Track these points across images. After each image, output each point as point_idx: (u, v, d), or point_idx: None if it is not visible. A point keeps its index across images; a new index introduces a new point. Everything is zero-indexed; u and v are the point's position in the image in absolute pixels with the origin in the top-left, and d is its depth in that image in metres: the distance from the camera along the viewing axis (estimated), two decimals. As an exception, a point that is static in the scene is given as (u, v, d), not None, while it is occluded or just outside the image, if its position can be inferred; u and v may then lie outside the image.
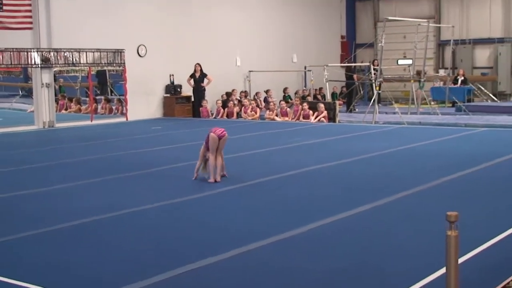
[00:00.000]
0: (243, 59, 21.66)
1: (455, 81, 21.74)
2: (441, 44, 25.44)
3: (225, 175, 8.79)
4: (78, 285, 4.71)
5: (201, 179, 8.67)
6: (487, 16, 24.15)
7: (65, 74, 20.83)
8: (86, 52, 17.27)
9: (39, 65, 16.38)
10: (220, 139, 8.51)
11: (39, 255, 5.44)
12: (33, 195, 8.09)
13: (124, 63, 18.18)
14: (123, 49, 18.08)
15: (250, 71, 21.79)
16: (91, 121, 17.90)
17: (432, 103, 20.30)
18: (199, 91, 19.29)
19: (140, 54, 18.65)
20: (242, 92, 21.12)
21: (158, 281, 4.69)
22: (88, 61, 17.45)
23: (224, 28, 20.94)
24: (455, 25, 22.54)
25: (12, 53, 15.81)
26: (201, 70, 19.17)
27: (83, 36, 17.05)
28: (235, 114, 18.99)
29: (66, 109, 20.48)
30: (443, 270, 3.91)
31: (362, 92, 23.13)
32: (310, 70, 21.45)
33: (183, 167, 9.91)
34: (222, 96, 20.23)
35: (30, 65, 16.46)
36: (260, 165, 10.17)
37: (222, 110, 19.16)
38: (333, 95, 21.93)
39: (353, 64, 22.66)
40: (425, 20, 20.68)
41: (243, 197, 7.83)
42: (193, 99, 19.53)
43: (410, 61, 21.37)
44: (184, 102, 19.54)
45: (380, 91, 18.47)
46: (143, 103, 18.75)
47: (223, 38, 20.90)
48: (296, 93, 21.94)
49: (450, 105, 20.82)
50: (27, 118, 17.66)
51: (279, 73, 22.09)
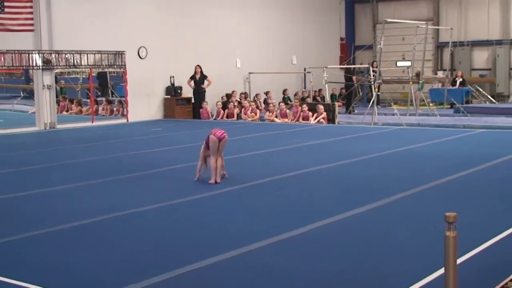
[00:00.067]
0: (243, 61, 21.67)
1: (454, 83, 21.73)
2: (440, 46, 25.44)
3: (225, 175, 8.79)
4: (79, 286, 4.71)
5: (201, 180, 8.67)
6: (485, 18, 24.16)
7: (66, 76, 20.82)
8: (87, 54, 17.27)
9: (41, 67, 16.38)
10: (220, 141, 8.51)
11: (40, 256, 5.44)
12: (34, 196, 8.09)
13: (125, 65, 18.18)
14: (124, 51, 18.08)
15: (250, 73, 21.79)
16: (92, 123, 17.90)
17: (431, 105, 20.30)
18: (200, 93, 19.30)
19: (141, 56, 18.66)
20: (242, 94, 21.12)
21: (158, 282, 4.69)
22: (89, 63, 17.45)
23: (224, 30, 20.94)
24: (454, 27, 22.56)
25: (14, 55, 15.80)
26: (201, 72, 19.17)
27: (84, 38, 17.05)
28: (235, 116, 18.99)
29: (67, 111, 20.50)
30: (442, 271, 3.91)
31: (361, 94, 23.12)
32: (310, 72, 21.45)
33: (183, 168, 9.92)
34: (222, 98, 20.23)
35: (32, 67, 16.46)
36: (260, 166, 10.17)
37: (222, 112, 19.15)
38: (332, 97, 21.95)
39: (352, 66, 22.65)
40: (424, 22, 20.66)
41: (243, 198, 7.83)
42: (194, 101, 19.54)
43: (409, 63, 21.37)
44: (185, 104, 19.55)
45: (379, 93, 18.46)
46: (144, 105, 18.76)
47: (223, 40, 20.91)
48: (296, 95, 21.93)
49: (449, 107, 20.81)
50: (29, 120, 17.66)
51: (279, 75, 22.11)
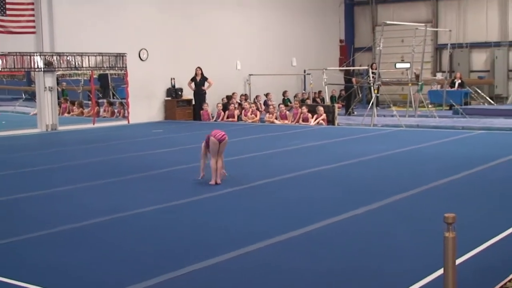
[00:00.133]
0: (243, 63, 21.67)
1: (452, 85, 21.73)
2: (439, 48, 25.44)
3: (225, 174, 8.74)
4: (80, 287, 4.70)
5: (202, 181, 8.66)
6: (484, 21, 24.16)
7: (68, 78, 20.86)
8: (89, 56, 17.27)
9: (42, 69, 16.38)
10: (221, 143, 8.50)
11: (41, 257, 5.44)
12: (36, 198, 8.09)
13: (126, 67, 18.18)
14: (125, 53, 18.08)
15: (250, 75, 21.79)
16: (93, 124, 17.89)
17: (430, 106, 20.29)
18: (200, 95, 19.29)
19: (142, 58, 18.66)
20: (242, 95, 21.12)
21: (159, 282, 4.68)
22: (91, 65, 17.45)
23: (225, 32, 20.94)
24: (452, 29, 22.55)
25: (16, 57, 15.80)
26: (202, 74, 19.17)
27: (86, 40, 17.05)
28: (236, 117, 18.98)
29: (69, 112, 20.50)
30: (441, 271, 3.90)
31: (361, 95, 23.12)
32: (310, 74, 21.44)
33: (184, 170, 9.92)
34: (223, 99, 20.23)
35: (33, 69, 16.47)
36: (260, 168, 10.16)
37: (223, 113, 19.15)
38: (332, 98, 21.94)
39: (352, 68, 22.67)
40: (423, 24, 20.65)
41: (243, 199, 7.83)
42: (194, 102, 19.54)
43: (408, 65, 21.37)
44: (185, 105, 19.55)
45: (379, 94, 18.47)
46: (145, 106, 18.75)
47: (224, 42, 20.91)
48: (296, 96, 21.94)
49: (448, 108, 20.79)
50: (30, 121, 17.65)
51: (279, 77, 22.11)
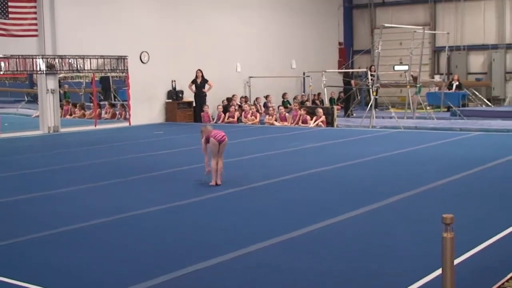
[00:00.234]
0: (243, 65, 21.67)
1: (450, 87, 21.74)
2: (437, 50, 25.45)
3: (223, 173, 8.73)
4: (81, 287, 4.70)
5: (202, 183, 8.66)
6: (481, 23, 24.17)
7: (70, 80, 20.81)
8: (90, 59, 17.28)
9: (44, 72, 16.39)
10: (220, 144, 8.51)
11: (43, 257, 5.44)
12: (38, 199, 8.09)
13: (127, 70, 18.19)
14: (126, 56, 18.09)
15: (250, 77, 21.80)
16: (95, 126, 17.90)
17: (428, 108, 20.28)
18: (201, 97, 19.30)
19: (143, 61, 18.66)
20: (242, 98, 21.12)
21: (160, 283, 4.68)
22: (92, 68, 17.46)
23: (225, 35, 20.95)
24: (450, 32, 22.57)
25: (18, 60, 15.81)
26: (203, 76, 19.18)
27: (87, 43, 17.06)
28: (236, 119, 18.99)
29: (71, 115, 20.46)
30: (439, 271, 3.90)
31: (360, 97, 23.13)
32: (309, 76, 21.47)
33: (185, 171, 9.92)
34: (223, 101, 20.23)
35: (36, 72, 16.46)
36: (260, 169, 10.16)
37: (223, 115, 19.16)
38: (331, 100, 21.95)
39: (351, 70, 22.66)
40: (421, 27, 20.68)
41: (244, 200, 7.82)
42: (195, 104, 19.54)
43: (406, 67, 21.37)
44: (186, 107, 19.55)
45: (377, 96, 18.48)
46: (146, 108, 18.76)
47: (224, 45, 20.92)
48: (295, 99, 21.94)
49: (445, 110, 20.81)
50: (33, 123, 17.63)
51: (279, 79, 22.11)
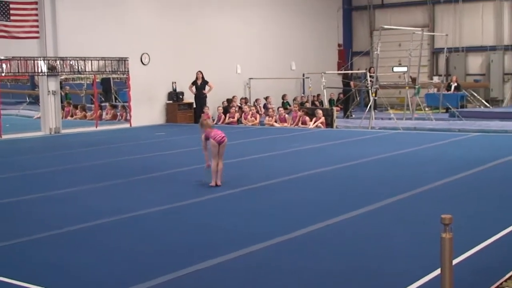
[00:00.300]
0: (244, 67, 21.67)
1: (449, 88, 21.74)
2: (435, 52, 25.45)
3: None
4: (82, 287, 4.70)
5: (202, 183, 8.66)
6: (479, 25, 24.17)
7: (71, 82, 20.84)
8: (91, 61, 17.28)
9: (46, 73, 16.39)
10: (220, 145, 8.51)
11: (45, 258, 5.43)
12: (40, 199, 8.08)
13: (128, 71, 18.19)
14: (127, 58, 18.09)
15: (250, 79, 21.80)
16: (96, 127, 17.90)
17: (427, 109, 20.28)
18: (201, 98, 19.29)
19: (144, 62, 18.66)
20: (242, 99, 21.11)
21: (161, 283, 4.68)
22: (93, 69, 17.46)
23: (225, 37, 20.95)
24: (449, 34, 22.57)
25: (20, 62, 15.81)
26: (203, 78, 19.18)
27: (88, 45, 17.06)
28: (236, 120, 19.00)
29: (72, 116, 20.48)
30: (438, 272, 3.90)
31: (359, 99, 23.11)
32: (308, 77, 21.46)
33: (186, 172, 9.92)
34: (223, 103, 20.23)
35: (37, 73, 16.46)
36: (260, 170, 10.15)
37: (223, 116, 19.16)
38: (331, 102, 21.95)
39: (350, 72, 22.66)
40: (420, 29, 20.69)
41: (244, 201, 7.82)
42: (195, 106, 19.53)
43: (405, 69, 21.36)
44: (186, 109, 19.55)
45: (376, 98, 18.48)
46: (147, 110, 18.75)
47: (224, 47, 20.92)
48: (295, 100, 21.94)
49: (444, 111, 20.80)
50: (34, 125, 17.64)
51: (278, 80, 22.10)
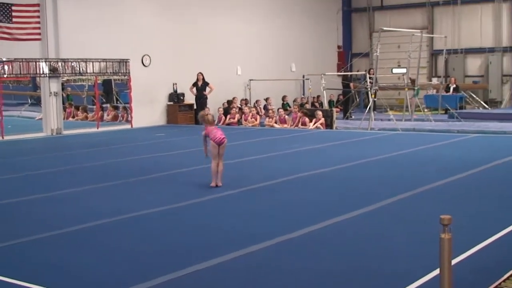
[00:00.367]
0: (244, 68, 21.67)
1: (448, 89, 21.73)
2: (434, 54, 25.44)
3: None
4: (82, 287, 4.69)
5: (203, 184, 8.65)
6: (478, 27, 24.16)
7: (72, 83, 20.84)
8: (93, 62, 17.28)
9: (47, 75, 16.38)
10: (220, 145, 8.50)
11: (45, 258, 5.42)
12: (41, 200, 8.07)
13: (129, 73, 18.19)
14: (128, 59, 18.09)
15: (251, 80, 21.79)
16: (97, 128, 17.89)
17: (426, 110, 20.28)
18: (201, 99, 19.28)
19: (145, 64, 18.66)
20: (243, 100, 21.11)
21: (161, 283, 4.66)
22: (95, 71, 17.46)
23: (226, 39, 20.95)
24: (448, 35, 22.55)
25: (22, 63, 15.81)
26: (203, 79, 19.18)
27: (90, 47, 17.06)
28: (236, 121, 18.99)
29: (73, 117, 20.49)
30: (437, 272, 3.89)
31: (358, 100, 23.08)
32: (308, 79, 21.46)
33: (186, 173, 9.91)
34: (224, 104, 20.23)
35: (39, 75, 16.47)
36: (260, 170, 10.14)
37: (224, 117, 19.16)
38: (330, 103, 21.92)
39: (350, 73, 22.67)
40: (419, 31, 20.68)
41: (244, 201, 7.81)
42: (196, 107, 19.51)
43: (404, 70, 21.34)
44: (187, 110, 19.55)
45: (376, 99, 18.48)
46: (147, 111, 18.75)
47: (225, 48, 20.91)
48: (295, 101, 21.93)
49: (443, 112, 20.79)
50: (36, 126, 17.65)
51: (278, 82, 22.10)
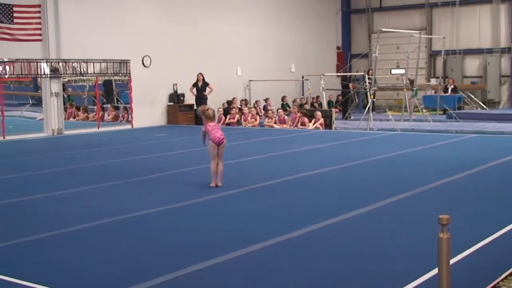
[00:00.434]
0: (244, 69, 21.67)
1: (446, 90, 21.74)
2: (433, 54, 25.45)
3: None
4: (83, 286, 4.68)
5: (203, 184, 8.65)
6: (476, 28, 24.17)
7: (73, 84, 20.86)
8: (93, 63, 17.28)
9: (48, 75, 16.39)
10: (219, 146, 8.50)
11: (45, 257, 5.42)
12: (41, 200, 8.06)
13: (130, 73, 18.19)
14: (129, 60, 18.09)
15: (250, 80, 21.80)
16: (98, 129, 17.89)
17: (424, 111, 20.29)
18: (201, 100, 19.27)
19: (145, 65, 18.66)
20: (243, 101, 21.11)
21: (161, 283, 4.66)
22: (95, 71, 17.47)
23: (226, 40, 20.95)
24: (446, 36, 22.56)
25: (23, 64, 15.81)
26: (203, 80, 19.18)
27: (91, 47, 17.06)
28: (236, 121, 19.00)
29: (74, 117, 20.50)
30: (436, 271, 3.89)
31: (357, 100, 23.09)
32: (308, 79, 21.48)
33: (186, 173, 9.90)
34: (223, 104, 20.23)
35: (40, 75, 16.47)
36: (260, 170, 10.13)
37: (224, 118, 19.16)
38: (329, 103, 21.94)
39: (349, 74, 22.68)
40: (417, 32, 20.68)
41: (243, 201, 7.80)
42: (196, 107, 19.52)
43: (403, 71, 21.36)
44: (187, 110, 19.56)
45: (374, 99, 18.48)
46: (148, 111, 18.75)
47: (225, 49, 20.92)
48: (294, 101, 21.94)
49: (442, 113, 20.81)
50: (37, 126, 17.65)
51: (278, 82, 22.11)
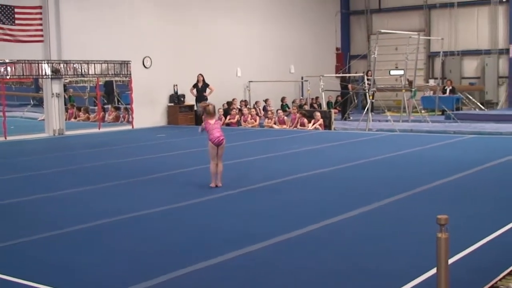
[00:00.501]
0: (244, 70, 21.67)
1: (444, 91, 21.74)
2: (431, 56, 25.45)
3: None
4: (83, 287, 4.68)
5: (202, 184, 8.65)
6: (475, 29, 24.17)
7: (74, 85, 20.87)
8: (94, 64, 17.28)
9: (50, 76, 16.39)
10: (218, 146, 8.49)
11: (46, 257, 5.42)
12: (42, 200, 8.06)
13: (130, 74, 18.19)
14: (129, 61, 18.09)
15: (250, 81, 21.79)
16: (99, 129, 17.88)
17: (423, 112, 20.28)
18: (202, 100, 19.26)
19: (146, 66, 18.66)
20: (242, 101, 21.11)
21: (161, 282, 4.66)
22: (96, 72, 17.47)
23: (226, 41, 20.95)
24: (444, 38, 22.55)
25: (24, 65, 15.81)
26: (204, 80, 19.17)
27: (91, 49, 17.06)
28: (236, 121, 18.99)
29: (75, 118, 20.50)
30: (434, 271, 3.89)
31: (356, 101, 23.10)
32: (307, 80, 21.47)
33: (186, 173, 9.90)
34: (223, 105, 20.22)
35: (41, 76, 16.48)
36: (259, 171, 10.13)
37: (224, 118, 19.15)
38: (329, 104, 21.93)
39: (348, 75, 22.66)
40: (416, 33, 20.68)
41: (243, 201, 7.80)
42: (196, 108, 19.53)
43: (402, 72, 21.37)
44: (187, 111, 19.55)
45: (373, 100, 18.45)
46: (148, 112, 18.74)
47: (225, 50, 20.91)
48: (294, 102, 21.94)
49: (440, 114, 20.80)
50: (38, 126, 17.64)
51: (278, 83, 22.11)
